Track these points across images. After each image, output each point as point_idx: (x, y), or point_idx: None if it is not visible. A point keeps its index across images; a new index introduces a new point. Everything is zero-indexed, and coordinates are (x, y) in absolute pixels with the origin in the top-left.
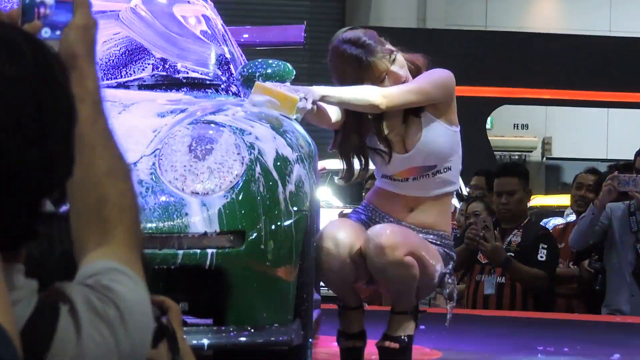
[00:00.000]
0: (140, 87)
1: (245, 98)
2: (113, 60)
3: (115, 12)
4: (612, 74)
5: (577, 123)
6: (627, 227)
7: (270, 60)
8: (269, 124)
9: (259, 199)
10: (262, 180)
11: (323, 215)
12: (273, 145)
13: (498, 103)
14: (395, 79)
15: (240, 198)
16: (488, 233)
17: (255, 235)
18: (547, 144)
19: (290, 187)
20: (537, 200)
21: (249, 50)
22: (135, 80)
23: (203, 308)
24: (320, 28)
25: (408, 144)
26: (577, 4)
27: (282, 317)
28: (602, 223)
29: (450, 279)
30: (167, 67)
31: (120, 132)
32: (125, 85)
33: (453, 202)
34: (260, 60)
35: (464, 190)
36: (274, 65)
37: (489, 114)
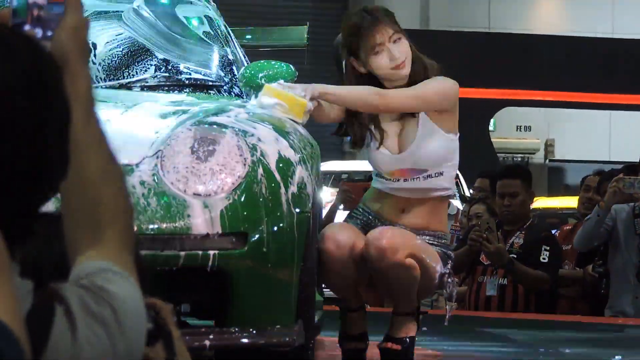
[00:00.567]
0: (143, 88)
1: (248, 100)
2: (115, 61)
3: (118, 12)
4: (614, 76)
5: (580, 125)
6: (631, 229)
7: (273, 62)
8: (272, 126)
9: (261, 201)
10: (264, 182)
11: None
12: (276, 147)
13: (501, 105)
14: (390, 58)
15: (243, 200)
16: (491, 235)
17: (258, 237)
18: (549, 146)
19: (293, 188)
20: (539, 202)
21: (252, 51)
22: (138, 81)
23: (205, 309)
24: (323, 29)
25: (401, 144)
26: (580, 6)
27: (284, 318)
28: (606, 224)
29: (450, 279)
30: (169, 68)
31: (123, 133)
32: (128, 86)
33: (456, 204)
34: (263, 62)
35: (467, 192)
36: (277, 67)
37: (492, 116)
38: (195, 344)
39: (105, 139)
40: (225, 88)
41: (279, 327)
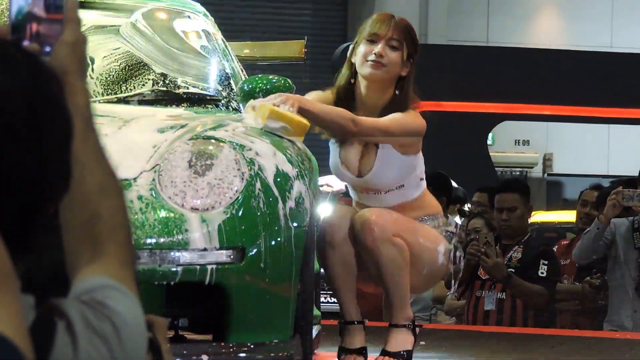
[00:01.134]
0: (140, 102)
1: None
2: (113, 75)
3: (116, 27)
4: (613, 90)
5: (578, 139)
6: (630, 243)
7: (271, 76)
8: (269, 140)
9: (259, 215)
10: (262, 196)
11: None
12: (273, 161)
13: (499, 119)
14: (376, 53)
15: (240, 214)
16: (489, 249)
17: (255, 251)
18: (548, 160)
19: (291, 203)
20: (538, 217)
21: (250, 66)
22: (135, 96)
23: (203, 324)
24: (322, 44)
25: (361, 169)
26: (578, 20)
27: (281, 333)
28: (605, 238)
29: (458, 253)
30: (167, 82)
31: (120, 147)
32: (125, 101)
33: (456, 219)
34: (261, 76)
35: (460, 193)
36: (274, 81)
37: (490, 130)
38: (193, 359)
39: (105, 154)
40: (223, 102)
41: (277, 341)
